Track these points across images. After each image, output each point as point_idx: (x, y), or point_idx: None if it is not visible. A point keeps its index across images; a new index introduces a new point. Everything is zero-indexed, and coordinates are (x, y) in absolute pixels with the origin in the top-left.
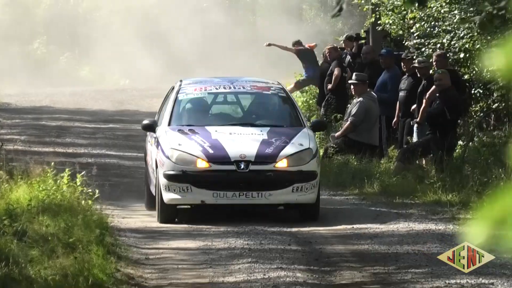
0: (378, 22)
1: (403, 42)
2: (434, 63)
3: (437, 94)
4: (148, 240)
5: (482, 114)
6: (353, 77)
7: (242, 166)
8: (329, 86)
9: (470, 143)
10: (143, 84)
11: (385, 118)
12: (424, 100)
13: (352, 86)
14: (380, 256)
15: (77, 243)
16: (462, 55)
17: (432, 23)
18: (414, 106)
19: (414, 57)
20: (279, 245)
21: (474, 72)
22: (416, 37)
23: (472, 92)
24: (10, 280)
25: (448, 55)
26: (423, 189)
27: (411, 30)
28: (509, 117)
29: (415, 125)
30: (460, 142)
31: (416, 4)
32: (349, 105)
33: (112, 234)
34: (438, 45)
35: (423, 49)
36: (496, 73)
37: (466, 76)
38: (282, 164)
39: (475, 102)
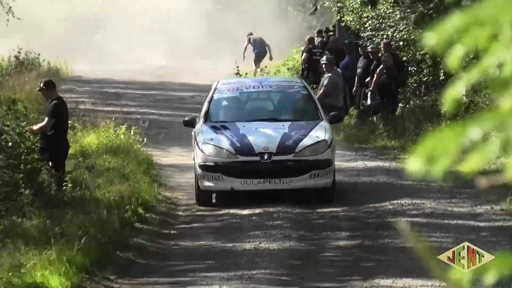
0: (342, 19)
1: (359, 34)
2: (382, 49)
3: (384, 71)
4: (180, 173)
5: (415, 85)
6: (324, 58)
7: (265, 157)
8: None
9: (407, 105)
10: (176, 63)
11: (347, 89)
12: (375, 75)
13: (323, 65)
14: (344, 185)
15: (130, 174)
16: (401, 43)
17: (380, 20)
18: (367, 79)
19: (368, 44)
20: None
21: (410, 55)
22: (369, 30)
23: (409, 69)
24: (84, 200)
25: (391, 43)
26: (374, 137)
27: (365, 25)
28: (435, 87)
29: (369, 93)
30: (400, 105)
31: (369, 6)
32: (321, 78)
33: (155, 168)
34: (385, 36)
35: (374, 39)
36: (425, 56)
37: (404, 58)
38: (300, 154)
39: (410, 77)
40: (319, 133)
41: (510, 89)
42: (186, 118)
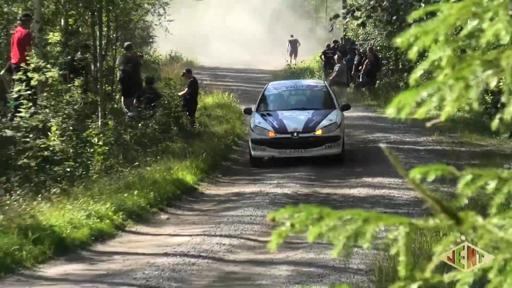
0: (346, 34)
1: (355, 42)
2: (367, 51)
3: (369, 63)
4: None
5: (386, 71)
6: (336, 56)
7: (295, 135)
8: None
9: (381, 82)
10: (253, 57)
11: (349, 73)
12: (363, 65)
13: (336, 59)
14: (346, 126)
15: (230, 119)
16: (378, 48)
17: (367, 35)
18: (360, 68)
19: (361, 49)
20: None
21: (383, 54)
22: (361, 40)
23: (382, 62)
24: (205, 133)
25: (373, 48)
26: (363, 99)
27: (359, 37)
28: (397, 72)
29: (360, 75)
30: (377, 82)
31: (361, 27)
32: (335, 67)
33: (243, 115)
34: (369, 44)
35: (363, 45)
36: (391, 54)
37: (380, 56)
38: (318, 132)
39: (383, 66)
40: (333, 117)
41: (443, 72)
42: (245, 108)
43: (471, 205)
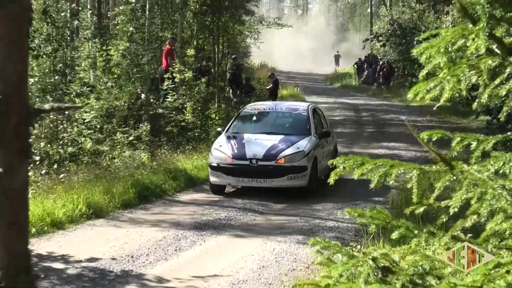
0: (372, 51)
1: (378, 56)
2: (385, 62)
3: (386, 70)
4: (318, 103)
5: (398, 75)
6: (365, 66)
7: (254, 162)
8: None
9: (393, 82)
10: (316, 64)
11: (373, 76)
12: (382, 71)
13: (365, 67)
14: (369, 111)
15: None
16: (393, 60)
17: (385, 52)
18: (381, 73)
19: (381, 61)
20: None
21: (396, 65)
22: (381, 55)
23: (395, 69)
24: None
25: (389, 60)
26: (382, 93)
27: (380, 53)
28: (404, 76)
29: (381, 78)
30: (391, 82)
31: (382, 47)
32: (364, 73)
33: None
34: (387, 57)
35: (383, 58)
36: (400, 66)
37: (393, 65)
38: (280, 161)
39: (396, 73)
40: (301, 145)
41: (442, 71)
42: (218, 129)
43: (459, 158)
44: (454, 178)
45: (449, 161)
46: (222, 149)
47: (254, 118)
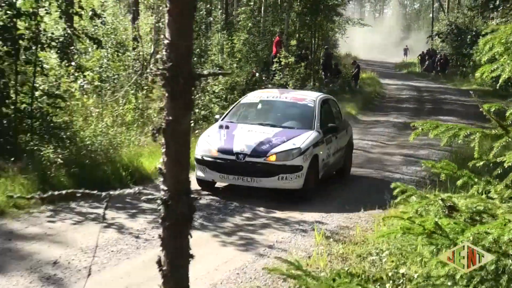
0: (432, 46)
1: (437, 51)
2: (442, 55)
3: (443, 61)
4: (386, 87)
5: (452, 66)
6: (426, 57)
7: (240, 157)
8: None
9: (448, 70)
10: (386, 55)
11: (432, 66)
12: (440, 62)
13: (426, 59)
14: (416, 87)
15: (374, 84)
16: (448, 54)
17: (443, 47)
18: (438, 63)
19: (439, 54)
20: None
21: (450, 57)
22: (440, 49)
23: (449, 61)
24: None
25: (446, 53)
26: (439, 79)
27: (439, 48)
28: (457, 67)
29: (438, 67)
30: (446, 71)
31: (441, 43)
32: (426, 63)
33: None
34: (444, 51)
35: (441, 52)
36: (454, 58)
37: (448, 58)
38: (271, 158)
39: (449, 63)
40: (298, 141)
41: (503, 57)
42: (216, 116)
43: None
44: (510, 139)
45: (506, 126)
46: (209, 140)
47: (254, 107)
